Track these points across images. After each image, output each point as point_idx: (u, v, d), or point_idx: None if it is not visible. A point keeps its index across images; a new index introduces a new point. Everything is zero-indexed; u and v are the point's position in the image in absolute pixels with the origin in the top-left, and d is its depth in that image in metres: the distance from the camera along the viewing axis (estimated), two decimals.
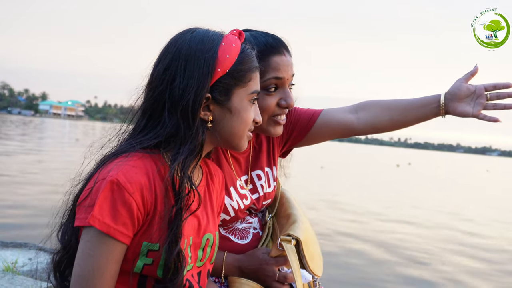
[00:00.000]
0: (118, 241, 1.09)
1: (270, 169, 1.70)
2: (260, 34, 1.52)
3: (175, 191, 1.15)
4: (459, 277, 6.03)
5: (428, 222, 10.23)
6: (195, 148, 1.18)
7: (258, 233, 1.65)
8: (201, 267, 1.30)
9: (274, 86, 1.49)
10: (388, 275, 5.83)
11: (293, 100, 1.52)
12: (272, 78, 1.48)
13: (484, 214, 12.77)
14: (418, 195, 16.02)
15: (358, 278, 5.63)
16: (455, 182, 25.69)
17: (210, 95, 1.18)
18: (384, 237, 8.03)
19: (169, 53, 1.19)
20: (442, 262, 6.71)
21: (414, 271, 6.10)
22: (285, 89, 1.52)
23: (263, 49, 1.47)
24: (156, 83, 1.19)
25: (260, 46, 1.47)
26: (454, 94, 1.57)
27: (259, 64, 1.30)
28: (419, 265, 6.41)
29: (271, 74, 1.48)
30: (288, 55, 1.53)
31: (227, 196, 1.54)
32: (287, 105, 1.52)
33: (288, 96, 1.51)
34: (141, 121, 1.21)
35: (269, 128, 1.54)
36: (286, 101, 1.51)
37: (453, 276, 6.09)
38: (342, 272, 5.72)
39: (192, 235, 1.23)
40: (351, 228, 8.46)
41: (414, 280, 5.76)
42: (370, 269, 6.01)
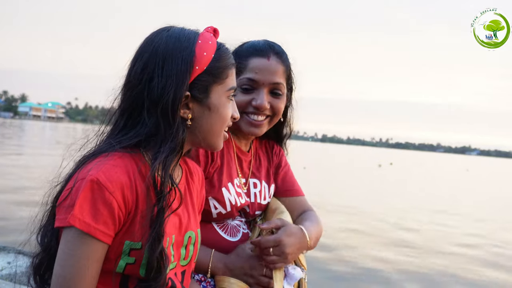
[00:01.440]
0: (99, 240, 1.08)
1: (268, 185, 1.75)
2: (259, 40, 1.63)
3: (157, 190, 1.15)
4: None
5: (410, 220, 10.34)
6: (176, 146, 1.18)
7: (247, 233, 1.67)
8: (186, 266, 1.30)
9: (248, 86, 1.56)
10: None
11: (263, 102, 1.56)
12: (246, 78, 1.56)
13: (462, 210, 12.96)
14: (399, 194, 16.18)
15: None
16: (436, 181, 26.01)
17: (189, 93, 1.19)
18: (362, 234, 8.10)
19: (145, 52, 1.19)
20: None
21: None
22: (260, 92, 1.57)
23: (247, 50, 1.58)
24: (134, 83, 1.18)
25: (248, 48, 1.58)
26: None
27: (240, 62, 1.30)
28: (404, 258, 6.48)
29: (246, 74, 1.56)
30: (276, 61, 1.59)
31: (226, 190, 1.57)
32: (256, 105, 1.57)
33: (258, 98, 1.57)
34: (120, 121, 1.20)
35: (242, 124, 1.60)
36: (256, 101, 1.57)
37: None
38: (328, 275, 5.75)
39: (174, 233, 1.23)
40: (334, 227, 8.51)
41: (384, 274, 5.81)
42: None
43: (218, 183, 1.56)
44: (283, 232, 1.49)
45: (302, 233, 1.53)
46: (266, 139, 1.81)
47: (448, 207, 13.58)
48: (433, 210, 12.71)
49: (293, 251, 1.51)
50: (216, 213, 1.57)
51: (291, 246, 1.49)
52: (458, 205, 14.54)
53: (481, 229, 10.16)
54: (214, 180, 1.55)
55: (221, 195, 1.56)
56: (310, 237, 1.55)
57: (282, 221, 1.53)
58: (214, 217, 1.57)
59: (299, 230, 1.53)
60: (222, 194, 1.56)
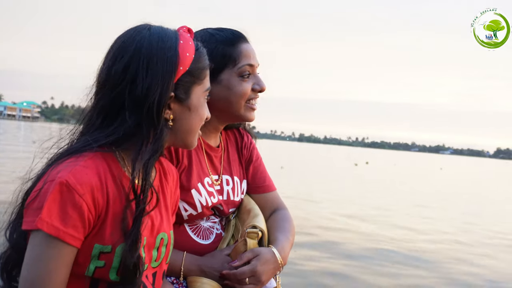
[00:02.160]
0: (68, 244, 1.06)
1: (240, 180, 1.72)
2: (223, 28, 1.63)
3: (136, 193, 1.13)
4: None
5: (384, 218, 10.45)
6: (159, 148, 1.17)
7: (221, 234, 1.65)
8: (157, 268, 1.28)
9: (248, 72, 1.58)
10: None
11: (264, 84, 1.62)
12: (246, 65, 1.57)
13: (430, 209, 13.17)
14: (375, 193, 16.34)
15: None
16: (411, 179, 26.37)
17: (174, 94, 1.18)
18: (337, 232, 8.16)
19: (126, 51, 1.16)
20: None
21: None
22: (256, 75, 1.61)
23: (232, 38, 1.58)
24: (113, 82, 1.15)
25: (228, 35, 1.58)
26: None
27: (232, 51, 1.42)
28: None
29: (245, 61, 1.57)
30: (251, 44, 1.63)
31: (196, 191, 1.56)
32: (260, 89, 1.61)
33: (260, 81, 1.62)
34: (96, 120, 1.17)
35: (246, 113, 1.61)
36: (259, 85, 1.61)
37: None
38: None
39: (146, 235, 1.21)
40: (311, 227, 8.55)
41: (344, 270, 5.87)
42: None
43: (187, 184, 1.54)
44: (258, 261, 1.48)
45: (275, 258, 1.53)
46: (230, 128, 1.78)
47: (423, 204, 13.77)
48: (408, 207, 12.88)
49: (268, 277, 1.51)
50: (186, 215, 1.55)
51: (266, 273, 1.50)
52: (431, 201, 14.75)
53: (449, 224, 10.34)
54: (182, 182, 1.52)
55: (191, 197, 1.55)
56: (283, 258, 1.55)
57: (253, 252, 1.51)
58: (185, 219, 1.56)
59: (273, 256, 1.52)
60: (191, 195, 1.55)
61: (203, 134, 1.61)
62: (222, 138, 1.73)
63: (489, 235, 9.46)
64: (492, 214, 13.26)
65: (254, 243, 1.55)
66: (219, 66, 1.53)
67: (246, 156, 1.78)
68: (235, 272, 1.47)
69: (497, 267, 6.77)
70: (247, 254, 1.51)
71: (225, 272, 1.49)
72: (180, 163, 1.55)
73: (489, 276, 6.15)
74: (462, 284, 5.68)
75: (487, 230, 10.08)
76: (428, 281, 5.71)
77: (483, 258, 7.26)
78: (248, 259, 1.50)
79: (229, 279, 1.48)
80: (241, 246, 1.55)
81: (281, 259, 1.54)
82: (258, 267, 1.48)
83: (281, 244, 1.58)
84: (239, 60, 1.56)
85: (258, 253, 1.51)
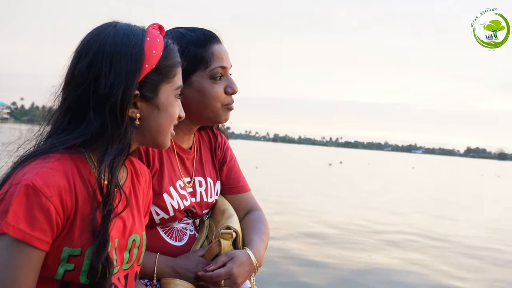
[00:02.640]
0: (35, 248, 1.03)
1: (213, 181, 1.70)
2: (194, 28, 1.59)
3: (103, 194, 1.11)
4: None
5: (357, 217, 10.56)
6: (124, 147, 1.14)
7: (194, 235, 1.63)
8: (128, 270, 1.26)
9: (220, 74, 1.54)
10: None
11: (237, 86, 1.59)
12: (218, 67, 1.54)
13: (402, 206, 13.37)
14: (348, 192, 16.51)
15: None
16: (384, 178, 26.73)
17: (139, 92, 1.15)
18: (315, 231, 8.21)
19: (91, 49, 1.14)
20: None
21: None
22: (228, 77, 1.58)
23: (203, 39, 1.54)
24: (78, 81, 1.13)
25: (200, 36, 1.54)
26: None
27: (203, 52, 1.36)
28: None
29: (217, 63, 1.53)
30: (223, 45, 1.59)
31: (167, 195, 1.53)
32: (233, 91, 1.58)
33: (232, 83, 1.58)
34: (62, 120, 1.15)
35: (223, 115, 1.59)
36: (231, 87, 1.57)
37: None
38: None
39: (117, 237, 1.19)
40: (284, 228, 8.58)
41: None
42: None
43: (158, 188, 1.52)
44: (234, 264, 1.47)
45: (251, 260, 1.52)
46: (203, 128, 1.75)
47: (396, 202, 13.98)
48: (380, 206, 13.05)
49: (243, 279, 1.51)
50: (158, 219, 1.53)
51: (242, 275, 1.49)
52: (402, 200, 14.98)
53: (418, 221, 10.52)
54: (154, 186, 1.49)
55: (162, 201, 1.52)
56: (258, 259, 1.54)
57: (228, 255, 1.50)
58: (157, 222, 1.54)
59: (248, 258, 1.52)
60: (163, 199, 1.52)
61: (176, 135, 1.58)
62: (195, 139, 1.70)
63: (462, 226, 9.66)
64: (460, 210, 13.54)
65: (228, 244, 1.54)
66: (190, 68, 1.49)
67: (220, 157, 1.75)
68: (211, 274, 1.46)
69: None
70: (222, 257, 1.50)
71: (201, 273, 1.47)
72: (151, 167, 1.52)
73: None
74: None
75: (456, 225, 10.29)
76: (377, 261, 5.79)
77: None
78: (224, 263, 1.49)
79: (204, 281, 1.47)
80: (215, 247, 1.54)
81: (256, 261, 1.53)
82: (234, 269, 1.47)
83: (256, 246, 1.57)
84: (210, 62, 1.53)
85: (233, 256, 1.50)
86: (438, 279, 5.82)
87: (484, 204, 16.49)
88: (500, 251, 7.90)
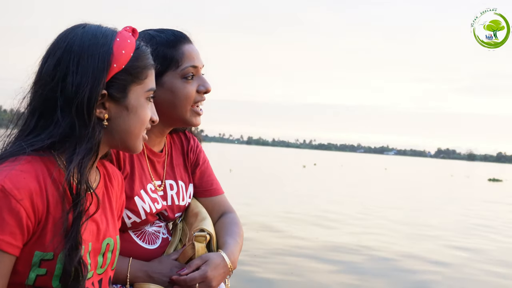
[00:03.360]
0: (5, 252, 1.01)
1: (185, 184, 1.69)
2: (164, 29, 1.58)
3: (73, 195, 1.09)
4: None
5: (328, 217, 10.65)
6: (93, 147, 1.13)
7: (167, 238, 1.62)
8: (102, 274, 1.25)
9: (191, 74, 1.54)
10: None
11: (210, 84, 1.58)
12: (190, 66, 1.53)
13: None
14: (323, 193, 16.64)
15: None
16: (358, 179, 27.01)
17: (106, 92, 1.14)
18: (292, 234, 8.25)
19: (59, 49, 1.13)
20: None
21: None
22: (200, 76, 1.57)
23: (173, 39, 1.54)
24: (45, 80, 1.12)
25: (169, 37, 1.54)
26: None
27: (173, 52, 1.36)
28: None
29: (188, 62, 1.53)
30: (194, 45, 1.59)
31: (139, 198, 1.52)
32: (205, 89, 1.57)
33: (205, 82, 1.57)
34: (30, 122, 1.13)
35: (192, 118, 1.57)
36: (204, 86, 1.57)
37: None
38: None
39: (91, 241, 1.18)
40: (259, 231, 8.58)
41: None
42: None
43: (130, 191, 1.50)
44: (208, 267, 1.47)
45: (225, 262, 1.52)
46: (176, 131, 1.74)
47: (370, 202, 14.15)
48: (356, 206, 13.19)
49: (218, 282, 1.50)
50: (130, 222, 1.52)
51: (216, 278, 1.49)
52: (376, 200, 15.18)
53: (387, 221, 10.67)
54: (125, 189, 1.48)
55: (134, 204, 1.51)
56: (233, 262, 1.54)
57: (202, 258, 1.50)
58: (129, 226, 1.52)
59: (222, 260, 1.51)
60: (134, 203, 1.51)
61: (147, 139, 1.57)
62: (167, 142, 1.69)
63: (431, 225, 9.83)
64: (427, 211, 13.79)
65: (202, 246, 1.54)
66: (161, 68, 1.48)
67: (192, 160, 1.75)
68: (185, 278, 1.45)
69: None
70: (196, 261, 1.49)
71: (175, 277, 1.46)
72: (122, 170, 1.51)
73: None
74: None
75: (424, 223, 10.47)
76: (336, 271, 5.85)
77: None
78: (198, 266, 1.48)
79: (178, 285, 1.46)
80: (189, 250, 1.53)
81: (230, 264, 1.53)
82: (209, 272, 1.46)
83: (230, 248, 1.57)
84: (181, 62, 1.52)
85: (207, 259, 1.49)
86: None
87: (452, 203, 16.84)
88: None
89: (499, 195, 22.34)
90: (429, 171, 53.87)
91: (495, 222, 11.97)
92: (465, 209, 14.88)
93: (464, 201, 17.83)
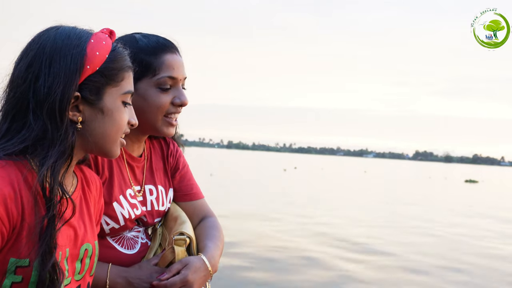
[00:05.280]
0: None
1: (165, 189, 1.67)
2: (151, 35, 1.55)
3: (46, 198, 1.06)
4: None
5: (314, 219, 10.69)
6: (65, 150, 1.09)
7: (146, 243, 1.60)
8: (80, 281, 1.21)
9: (168, 85, 1.50)
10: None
11: (187, 98, 1.54)
12: (167, 77, 1.49)
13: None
14: (303, 196, 16.69)
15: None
16: (338, 182, 27.19)
17: (80, 94, 1.11)
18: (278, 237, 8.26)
19: (31, 50, 1.11)
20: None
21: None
22: (178, 88, 1.53)
23: (155, 47, 1.50)
24: (17, 82, 1.09)
25: (152, 44, 1.50)
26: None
27: (152, 61, 1.33)
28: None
29: (165, 72, 1.49)
30: (180, 56, 1.55)
31: (118, 204, 1.49)
32: (181, 103, 1.53)
33: (182, 94, 1.53)
34: (2, 125, 1.09)
35: (163, 128, 1.54)
36: (180, 99, 1.53)
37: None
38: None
39: (68, 247, 1.14)
40: (238, 236, 8.57)
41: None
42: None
43: (108, 197, 1.47)
44: (188, 271, 1.44)
45: (206, 266, 1.50)
46: (155, 136, 1.71)
47: (354, 204, 14.26)
48: (339, 208, 13.26)
49: (199, 286, 1.48)
50: (109, 228, 1.48)
51: (197, 282, 1.46)
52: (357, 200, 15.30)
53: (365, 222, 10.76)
54: (103, 194, 1.45)
55: (112, 210, 1.48)
56: (213, 265, 1.52)
57: (182, 262, 1.47)
58: (107, 232, 1.49)
59: (203, 264, 1.49)
60: (113, 208, 1.48)
61: (126, 144, 1.55)
62: (146, 147, 1.66)
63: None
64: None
65: (182, 250, 1.52)
66: (137, 74, 1.43)
67: (172, 164, 1.72)
68: (166, 282, 1.43)
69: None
70: (176, 265, 1.47)
71: (155, 283, 1.44)
72: (100, 175, 1.48)
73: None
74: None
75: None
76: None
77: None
78: (178, 270, 1.46)
79: None
80: (168, 254, 1.51)
81: (211, 267, 1.51)
82: (189, 276, 1.44)
83: (210, 252, 1.55)
84: (158, 71, 1.48)
85: (187, 262, 1.47)
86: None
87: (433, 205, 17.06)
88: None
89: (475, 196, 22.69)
90: (408, 173, 54.52)
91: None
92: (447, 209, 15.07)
93: (443, 203, 18.07)
